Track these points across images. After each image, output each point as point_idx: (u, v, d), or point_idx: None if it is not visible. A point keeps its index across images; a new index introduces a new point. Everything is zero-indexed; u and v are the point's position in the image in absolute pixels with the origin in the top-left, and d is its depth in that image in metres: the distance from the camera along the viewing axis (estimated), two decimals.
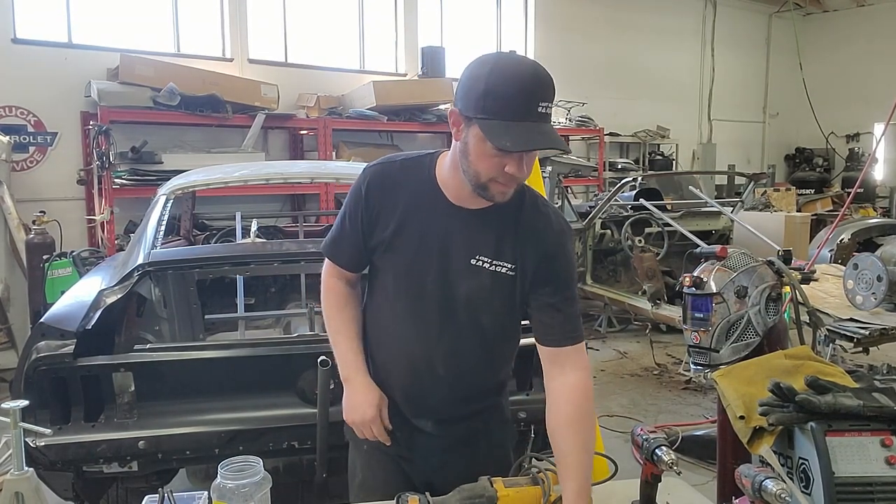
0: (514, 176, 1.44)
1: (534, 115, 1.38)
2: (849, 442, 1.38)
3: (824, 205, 10.72)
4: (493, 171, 1.44)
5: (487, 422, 1.77)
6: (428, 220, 1.58)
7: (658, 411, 4.72)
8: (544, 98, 1.39)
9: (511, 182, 1.46)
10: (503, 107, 1.37)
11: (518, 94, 1.37)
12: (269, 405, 2.44)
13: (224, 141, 6.84)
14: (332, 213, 6.48)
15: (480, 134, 1.39)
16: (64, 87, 6.48)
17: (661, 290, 5.56)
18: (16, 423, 1.69)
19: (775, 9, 13.39)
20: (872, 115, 11.87)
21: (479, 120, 1.39)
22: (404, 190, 1.60)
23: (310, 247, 3.15)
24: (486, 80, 1.38)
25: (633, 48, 11.26)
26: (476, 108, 1.39)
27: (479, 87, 1.39)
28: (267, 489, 1.36)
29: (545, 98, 1.39)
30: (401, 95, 7.65)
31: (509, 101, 1.37)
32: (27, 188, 6.16)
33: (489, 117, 1.38)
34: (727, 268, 2.15)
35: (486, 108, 1.38)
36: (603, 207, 6.36)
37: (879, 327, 3.39)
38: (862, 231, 5.65)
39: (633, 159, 11.05)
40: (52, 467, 2.28)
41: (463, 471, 1.53)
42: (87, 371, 2.31)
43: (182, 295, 3.16)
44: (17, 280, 5.35)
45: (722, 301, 2.10)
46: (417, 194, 1.58)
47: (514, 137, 1.37)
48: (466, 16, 9.74)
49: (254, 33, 7.81)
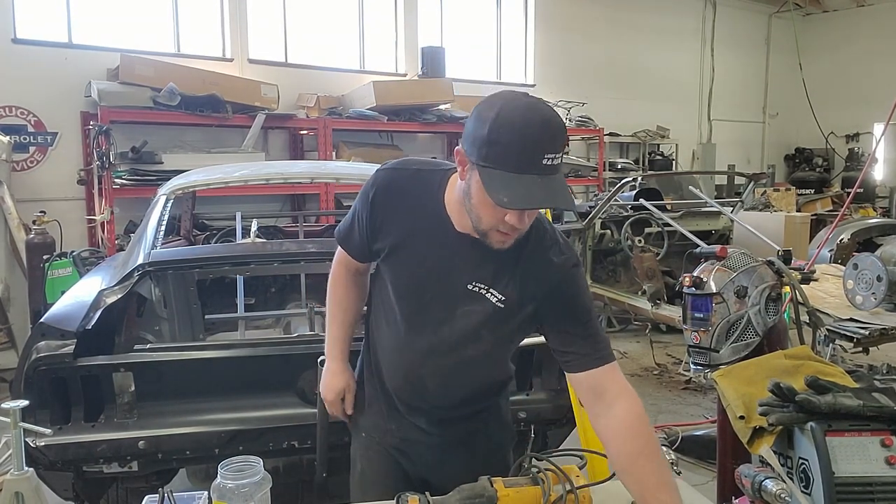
0: (515, 227, 1.40)
1: (538, 168, 1.30)
2: (849, 442, 1.38)
3: (824, 205, 10.73)
4: (494, 221, 1.40)
5: (486, 422, 1.77)
6: (431, 240, 1.55)
7: (658, 411, 4.72)
8: (552, 150, 1.31)
9: (512, 231, 1.42)
10: (505, 158, 1.30)
11: (522, 145, 1.29)
12: (269, 405, 2.44)
13: (224, 141, 6.84)
14: (332, 213, 6.49)
15: (481, 181, 1.34)
16: (64, 87, 6.48)
17: (661, 290, 5.56)
18: (16, 423, 1.69)
19: (775, 9, 13.39)
20: (872, 115, 11.88)
21: (481, 168, 1.34)
22: (411, 202, 1.56)
23: (310, 247, 3.15)
24: (491, 126, 1.31)
25: (633, 48, 11.26)
26: (479, 155, 1.33)
27: (483, 131, 1.32)
28: (267, 489, 1.36)
29: (553, 150, 1.31)
30: (401, 95, 7.65)
31: (512, 152, 1.30)
32: (27, 188, 6.16)
33: (491, 166, 1.32)
34: (727, 268, 2.15)
35: (488, 156, 1.32)
36: (603, 207, 6.35)
37: (879, 327, 3.39)
38: (862, 231, 5.65)
39: (633, 159, 11.05)
40: (52, 467, 2.28)
41: (461, 470, 1.53)
42: (87, 371, 2.31)
43: (182, 295, 3.16)
44: (17, 280, 5.35)
45: (722, 301, 2.10)
46: (424, 214, 1.55)
47: (513, 192, 1.30)
48: (466, 16, 9.74)
49: (254, 33, 7.81)
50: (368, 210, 1.60)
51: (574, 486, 1.42)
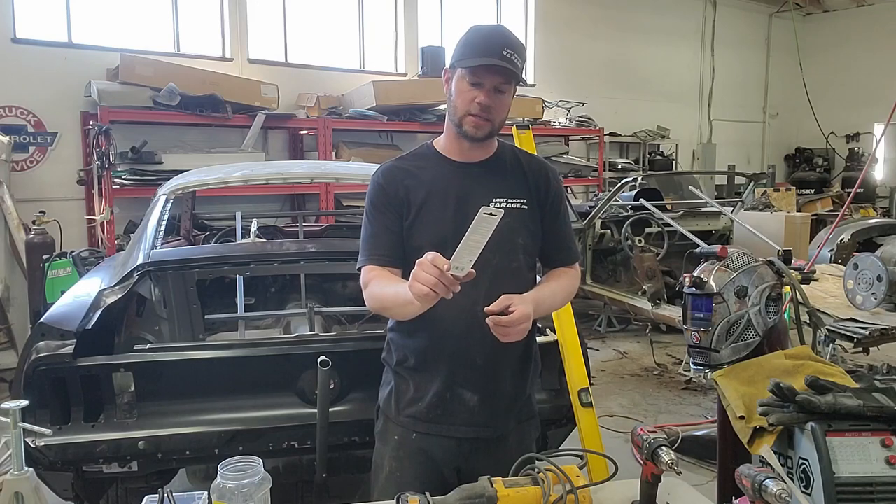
0: (485, 106, 1.69)
1: (498, 56, 1.65)
2: (849, 442, 1.38)
3: (824, 205, 10.72)
4: (468, 104, 1.70)
5: (520, 412, 1.87)
6: (443, 183, 1.77)
7: (658, 411, 4.72)
8: (509, 46, 1.67)
9: (482, 114, 1.70)
10: (472, 49, 1.69)
11: (486, 38, 1.69)
12: (269, 405, 2.44)
13: (224, 141, 6.84)
14: (332, 213, 6.49)
15: (459, 73, 1.71)
16: (64, 87, 6.48)
17: (661, 290, 5.56)
18: (16, 423, 1.69)
19: (775, 9, 13.39)
20: (872, 115, 11.88)
21: (458, 62, 1.71)
22: (414, 170, 1.80)
23: (310, 247, 3.15)
24: (465, 36, 1.73)
25: (633, 48, 11.26)
26: (455, 56, 1.73)
27: (459, 42, 1.73)
28: (267, 489, 1.36)
29: (510, 46, 1.67)
30: (401, 95, 7.65)
31: (478, 43, 1.69)
32: (27, 188, 6.16)
33: (461, 59, 1.70)
34: (727, 268, 2.14)
35: (462, 53, 1.71)
36: (603, 207, 6.36)
37: (879, 327, 3.39)
38: (862, 231, 5.64)
39: (633, 159, 11.04)
40: (52, 467, 2.27)
41: (492, 461, 1.61)
42: (86, 371, 2.31)
43: (182, 295, 3.15)
44: (17, 280, 5.35)
45: (722, 301, 2.10)
46: (427, 168, 1.80)
47: (478, 61, 1.66)
48: (466, 16, 9.73)
49: (254, 33, 7.81)
50: (384, 191, 1.78)
51: (574, 486, 1.41)
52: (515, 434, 1.86)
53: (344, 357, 2.39)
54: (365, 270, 1.77)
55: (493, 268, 1.70)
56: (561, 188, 1.91)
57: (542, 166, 1.89)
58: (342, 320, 3.50)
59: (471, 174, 1.79)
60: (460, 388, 1.78)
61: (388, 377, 1.90)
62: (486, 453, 1.80)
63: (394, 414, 1.85)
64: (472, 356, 1.76)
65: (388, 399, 1.87)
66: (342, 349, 2.43)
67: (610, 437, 4.09)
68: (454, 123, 1.76)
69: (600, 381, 5.28)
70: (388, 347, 1.90)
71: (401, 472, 1.81)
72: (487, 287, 1.68)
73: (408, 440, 1.82)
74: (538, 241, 1.85)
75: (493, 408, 1.81)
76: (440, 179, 1.78)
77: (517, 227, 1.78)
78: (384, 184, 1.78)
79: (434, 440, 1.80)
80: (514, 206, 1.77)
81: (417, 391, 1.81)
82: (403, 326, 1.81)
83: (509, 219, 1.66)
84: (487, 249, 1.58)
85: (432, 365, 1.78)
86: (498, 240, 1.61)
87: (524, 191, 1.81)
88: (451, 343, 1.76)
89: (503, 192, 1.78)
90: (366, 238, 1.79)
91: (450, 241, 1.62)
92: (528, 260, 1.83)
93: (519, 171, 1.84)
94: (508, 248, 1.76)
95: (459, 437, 1.80)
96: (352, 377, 2.43)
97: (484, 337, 1.65)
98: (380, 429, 1.89)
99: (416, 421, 1.81)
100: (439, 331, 1.75)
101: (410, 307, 1.57)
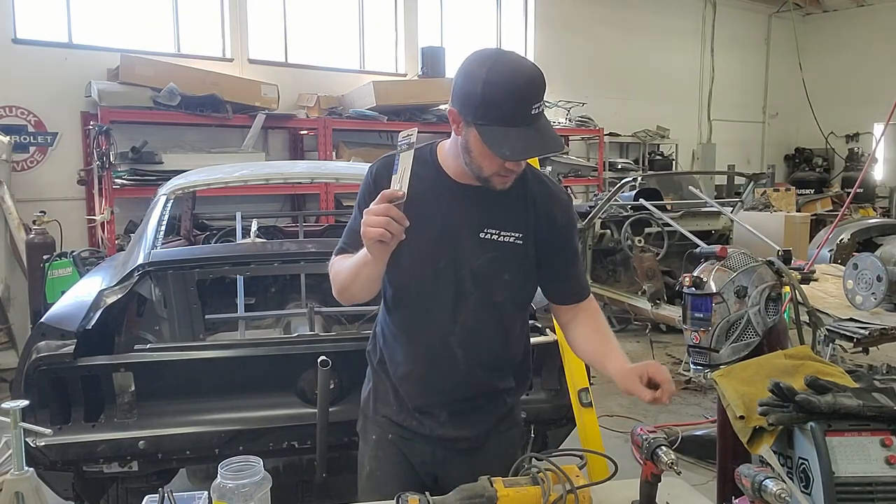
0: (514, 169, 1.56)
1: (528, 119, 1.48)
2: (849, 442, 1.38)
3: (824, 205, 10.72)
4: (495, 167, 1.54)
5: (499, 423, 1.80)
6: (435, 201, 1.64)
7: (658, 411, 4.72)
8: (537, 100, 1.49)
9: (512, 174, 1.57)
10: (500, 115, 1.47)
11: (514, 101, 1.46)
12: (269, 405, 2.44)
13: (224, 141, 6.84)
14: (332, 213, 6.49)
15: (480, 138, 1.49)
16: (64, 87, 6.49)
17: (661, 290, 5.56)
18: (16, 423, 1.69)
19: (775, 9, 13.39)
20: (872, 115, 11.87)
21: (479, 126, 1.49)
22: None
23: (310, 247, 3.15)
24: (483, 87, 1.46)
25: (633, 48, 11.26)
26: (475, 115, 1.49)
27: (476, 92, 1.47)
28: (267, 489, 1.36)
29: (538, 100, 1.49)
30: (401, 95, 7.65)
31: (506, 110, 1.46)
32: (27, 188, 6.17)
33: (487, 124, 1.48)
34: (727, 268, 2.15)
35: (485, 116, 1.47)
36: (603, 207, 6.35)
37: (879, 327, 3.39)
38: (862, 231, 5.64)
39: (633, 159, 11.05)
40: (52, 467, 2.27)
41: (468, 470, 1.54)
42: (87, 371, 2.31)
43: (182, 295, 3.16)
44: (17, 280, 5.35)
45: (722, 301, 2.10)
46: (422, 177, 1.61)
47: (512, 145, 1.47)
48: (466, 16, 9.74)
49: (254, 33, 7.81)
50: (373, 187, 1.63)
51: (574, 486, 1.41)
52: (495, 442, 1.80)
53: (344, 357, 2.39)
54: (332, 261, 1.73)
55: (473, 299, 1.65)
56: (572, 221, 1.76)
57: (553, 197, 1.72)
58: (342, 320, 3.50)
59: (466, 197, 1.64)
60: (431, 407, 1.74)
61: (369, 374, 1.87)
62: (462, 462, 1.74)
63: (371, 413, 1.83)
64: (443, 383, 1.71)
65: (368, 397, 1.85)
66: (342, 349, 2.43)
67: (610, 437, 4.09)
68: (475, 176, 1.58)
69: (600, 381, 5.25)
70: (372, 340, 1.85)
71: (380, 471, 1.79)
72: (464, 319, 1.65)
73: (384, 440, 1.79)
74: (531, 279, 1.73)
75: (465, 421, 1.76)
76: (431, 192, 1.63)
77: (504, 263, 1.65)
78: (375, 181, 1.69)
79: (408, 444, 1.77)
80: (505, 240, 1.64)
81: (394, 395, 1.78)
82: (387, 325, 1.77)
83: (496, 253, 1.63)
84: (467, 281, 1.61)
85: (406, 382, 1.74)
86: (479, 273, 1.63)
87: (522, 224, 1.66)
88: (422, 368, 1.71)
89: (496, 224, 1.64)
90: (345, 232, 1.74)
91: (428, 265, 1.62)
92: (515, 296, 1.71)
93: (521, 201, 1.67)
94: (491, 282, 1.65)
95: (433, 446, 1.76)
96: (352, 377, 2.43)
97: (454, 367, 1.67)
98: (360, 427, 1.87)
99: (391, 423, 1.78)
100: (413, 355, 1.71)
101: (365, 268, 1.55)
